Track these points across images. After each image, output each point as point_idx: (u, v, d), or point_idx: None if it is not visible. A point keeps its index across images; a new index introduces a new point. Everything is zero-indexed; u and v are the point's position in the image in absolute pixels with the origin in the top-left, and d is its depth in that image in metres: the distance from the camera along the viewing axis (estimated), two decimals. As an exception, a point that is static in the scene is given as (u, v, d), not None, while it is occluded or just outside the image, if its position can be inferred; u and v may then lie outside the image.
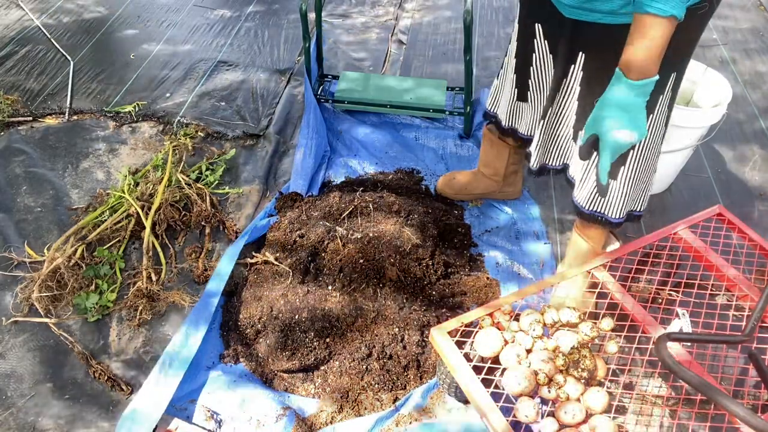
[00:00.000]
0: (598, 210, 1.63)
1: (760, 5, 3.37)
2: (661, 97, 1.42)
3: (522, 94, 1.71)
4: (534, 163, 1.76)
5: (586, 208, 1.64)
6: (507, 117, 1.81)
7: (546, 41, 1.55)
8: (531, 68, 1.63)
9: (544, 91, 1.65)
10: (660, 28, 1.06)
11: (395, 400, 1.61)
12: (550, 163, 1.75)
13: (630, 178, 1.55)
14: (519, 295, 1.53)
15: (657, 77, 1.12)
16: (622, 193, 1.58)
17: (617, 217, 1.62)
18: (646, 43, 1.08)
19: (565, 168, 1.73)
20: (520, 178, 2.13)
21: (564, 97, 1.56)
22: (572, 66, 1.48)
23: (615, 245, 1.81)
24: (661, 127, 1.50)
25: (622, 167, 1.53)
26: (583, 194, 1.63)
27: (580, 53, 1.44)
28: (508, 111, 1.80)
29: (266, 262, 1.86)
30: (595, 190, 1.60)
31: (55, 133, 2.43)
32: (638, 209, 1.65)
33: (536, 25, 1.54)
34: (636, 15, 1.08)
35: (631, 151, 1.50)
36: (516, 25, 1.63)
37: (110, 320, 1.80)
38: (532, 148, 1.75)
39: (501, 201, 2.17)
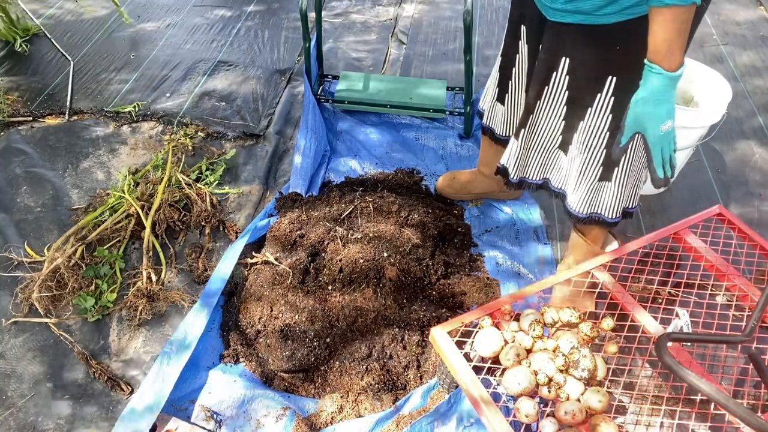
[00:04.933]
0: (595, 212, 1.63)
1: (760, 5, 3.37)
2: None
3: (501, 95, 1.72)
4: (513, 175, 1.74)
5: (583, 212, 1.64)
6: (487, 114, 1.82)
7: (527, 46, 1.54)
8: (513, 69, 1.63)
9: (521, 95, 1.65)
10: (684, 16, 1.06)
11: (395, 400, 1.61)
12: (529, 177, 1.73)
13: (624, 177, 1.55)
14: (519, 295, 1.53)
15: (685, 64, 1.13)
16: (617, 192, 1.58)
17: (613, 216, 1.62)
18: (676, 34, 1.08)
19: (545, 183, 1.72)
20: None
21: (547, 105, 1.53)
22: (554, 73, 1.45)
23: (614, 244, 1.81)
24: (605, 131, 1.49)
25: (617, 168, 1.54)
26: (576, 200, 1.64)
27: (564, 58, 1.41)
28: (488, 108, 1.80)
29: (266, 262, 1.86)
30: (588, 195, 1.60)
31: (55, 133, 2.43)
32: (631, 206, 1.65)
33: (522, 26, 1.53)
34: (655, 9, 1.08)
35: (626, 153, 1.50)
36: (507, 23, 1.63)
37: (110, 320, 1.80)
38: (510, 160, 1.72)
39: (501, 201, 2.17)
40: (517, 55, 1.59)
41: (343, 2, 3.37)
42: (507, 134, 1.81)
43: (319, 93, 2.54)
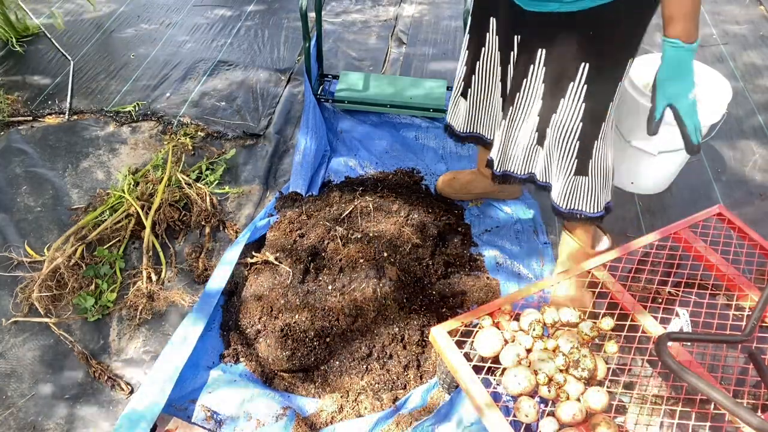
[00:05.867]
0: (575, 208, 1.64)
1: (760, 5, 3.37)
2: (619, 83, 1.43)
3: (464, 89, 1.71)
4: (497, 168, 1.74)
5: (564, 207, 1.65)
6: (450, 110, 1.82)
7: (497, 37, 1.53)
8: (477, 63, 1.62)
9: (486, 89, 1.65)
10: None
11: (395, 400, 1.61)
12: (513, 171, 1.73)
13: (599, 168, 1.57)
14: (519, 295, 1.53)
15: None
16: (594, 185, 1.59)
17: (595, 211, 1.63)
18: (689, 10, 1.13)
19: (531, 177, 1.72)
20: None
21: (525, 99, 1.54)
22: (532, 66, 1.46)
23: (604, 241, 1.81)
24: (578, 121, 1.49)
25: (590, 161, 1.55)
26: (556, 193, 1.65)
27: (540, 50, 1.42)
28: (452, 103, 1.80)
29: (266, 262, 1.86)
30: (567, 190, 1.61)
31: (55, 133, 2.43)
32: (610, 200, 1.66)
33: (491, 18, 1.52)
34: None
35: (596, 142, 1.52)
36: (470, 17, 1.60)
37: (110, 320, 1.80)
38: (494, 153, 1.73)
39: (501, 201, 2.17)
40: (483, 48, 1.58)
41: (343, 2, 3.37)
42: (468, 131, 1.81)
43: (319, 93, 2.54)
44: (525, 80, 1.50)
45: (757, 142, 2.47)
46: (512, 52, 1.50)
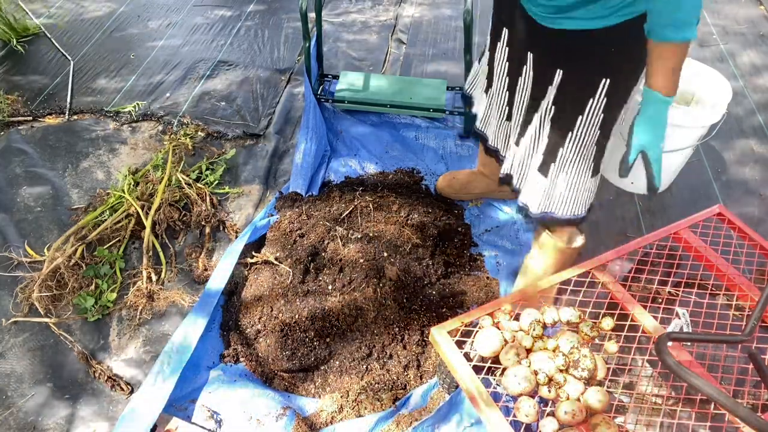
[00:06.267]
0: (577, 212, 1.63)
1: (760, 4, 3.37)
2: (592, 99, 1.41)
3: (486, 87, 1.73)
4: (503, 172, 1.75)
5: (569, 212, 1.64)
6: (476, 104, 1.83)
7: (507, 48, 1.52)
8: (495, 68, 1.63)
9: (498, 96, 1.64)
10: (680, 52, 1.15)
11: (395, 400, 1.61)
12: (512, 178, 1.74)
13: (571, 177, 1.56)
14: (519, 294, 1.53)
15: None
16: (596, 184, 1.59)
17: (584, 211, 1.62)
18: (673, 66, 1.17)
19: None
20: None
21: (541, 116, 1.52)
22: (549, 87, 1.44)
23: (578, 239, 1.80)
24: (596, 129, 1.49)
25: (602, 159, 1.54)
26: (563, 199, 1.63)
27: (557, 70, 1.39)
28: (477, 99, 1.81)
29: (266, 262, 1.86)
30: (543, 196, 1.61)
31: (55, 132, 2.43)
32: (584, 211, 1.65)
33: (504, 29, 1.51)
34: (653, 42, 1.15)
35: (609, 143, 1.51)
36: (490, 21, 1.59)
37: (110, 320, 1.80)
38: (506, 167, 1.74)
39: (501, 200, 2.17)
40: (496, 54, 1.58)
41: (343, 2, 3.37)
42: (482, 129, 1.82)
43: (319, 93, 2.54)
44: (540, 99, 1.48)
45: (757, 141, 2.47)
46: (525, 67, 1.48)
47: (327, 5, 3.32)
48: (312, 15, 2.96)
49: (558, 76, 1.41)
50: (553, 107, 1.47)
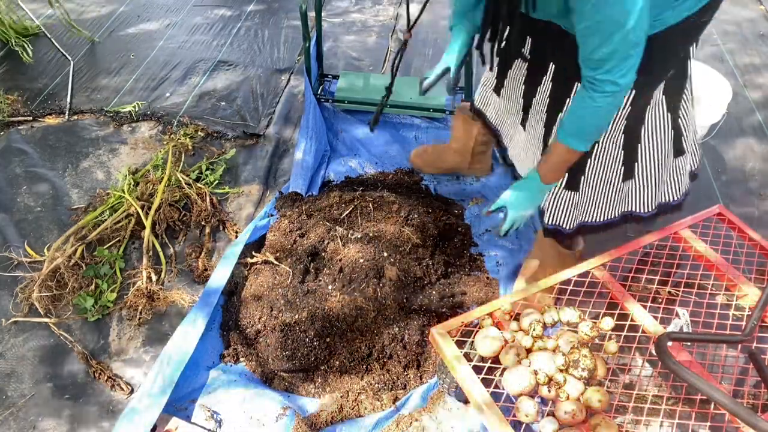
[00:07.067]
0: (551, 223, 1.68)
1: (760, 4, 3.37)
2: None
3: (497, 87, 1.75)
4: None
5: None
6: (478, 99, 1.86)
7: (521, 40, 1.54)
8: (508, 70, 1.64)
9: (516, 88, 1.66)
10: (571, 156, 1.36)
11: (395, 400, 1.61)
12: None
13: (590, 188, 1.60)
14: (519, 294, 1.53)
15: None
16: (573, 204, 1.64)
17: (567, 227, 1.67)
18: (561, 163, 1.39)
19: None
20: (489, 157, 2.19)
21: (536, 110, 1.56)
22: (544, 77, 1.48)
23: (579, 241, 1.81)
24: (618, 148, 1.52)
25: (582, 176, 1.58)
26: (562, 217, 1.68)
27: (551, 64, 1.44)
28: (480, 91, 1.84)
29: (266, 262, 1.86)
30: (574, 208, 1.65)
31: (55, 132, 2.43)
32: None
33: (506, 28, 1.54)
34: (557, 140, 1.35)
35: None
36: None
37: (110, 320, 1.80)
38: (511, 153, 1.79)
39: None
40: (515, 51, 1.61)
41: (343, 2, 3.37)
42: (496, 127, 1.86)
43: (319, 93, 2.54)
44: (537, 90, 1.52)
45: (757, 141, 2.47)
46: (524, 63, 1.53)
47: (327, 5, 3.32)
48: (312, 15, 2.96)
49: (551, 68, 1.45)
50: (548, 100, 1.51)
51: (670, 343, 1.34)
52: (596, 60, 1.18)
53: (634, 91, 1.39)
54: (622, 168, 1.55)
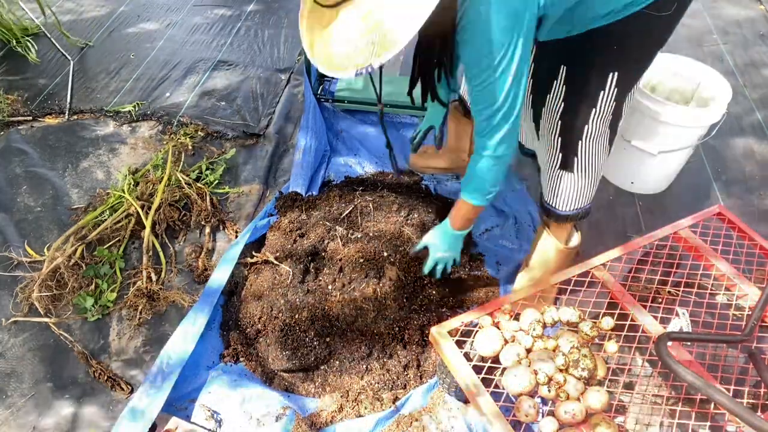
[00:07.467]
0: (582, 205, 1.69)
1: (759, 4, 3.37)
2: (602, 92, 1.45)
3: None
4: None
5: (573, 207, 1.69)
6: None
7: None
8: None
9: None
10: (472, 209, 1.52)
11: (395, 400, 1.61)
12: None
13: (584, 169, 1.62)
14: (519, 295, 1.53)
15: (468, 230, 1.63)
16: (572, 188, 1.65)
17: (566, 210, 1.69)
18: (466, 215, 1.55)
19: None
20: None
21: (548, 111, 1.57)
22: (555, 82, 1.48)
23: (575, 238, 1.80)
24: (606, 127, 1.53)
25: (608, 156, 1.60)
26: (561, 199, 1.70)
27: (561, 67, 1.44)
28: None
29: (266, 262, 1.86)
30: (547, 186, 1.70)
31: (55, 132, 2.43)
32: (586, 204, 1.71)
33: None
34: (460, 197, 1.52)
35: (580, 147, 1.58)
36: None
37: (110, 320, 1.80)
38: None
39: (501, 200, 2.17)
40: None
41: (343, 2, 3.36)
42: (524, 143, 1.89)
43: (319, 92, 2.54)
44: (548, 95, 1.53)
45: (756, 141, 2.47)
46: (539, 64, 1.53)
47: (327, 5, 3.32)
48: (312, 15, 2.95)
49: (563, 71, 1.45)
50: (562, 104, 1.50)
51: (670, 343, 1.34)
52: (478, 122, 1.31)
53: (617, 73, 1.41)
54: (608, 146, 1.59)
